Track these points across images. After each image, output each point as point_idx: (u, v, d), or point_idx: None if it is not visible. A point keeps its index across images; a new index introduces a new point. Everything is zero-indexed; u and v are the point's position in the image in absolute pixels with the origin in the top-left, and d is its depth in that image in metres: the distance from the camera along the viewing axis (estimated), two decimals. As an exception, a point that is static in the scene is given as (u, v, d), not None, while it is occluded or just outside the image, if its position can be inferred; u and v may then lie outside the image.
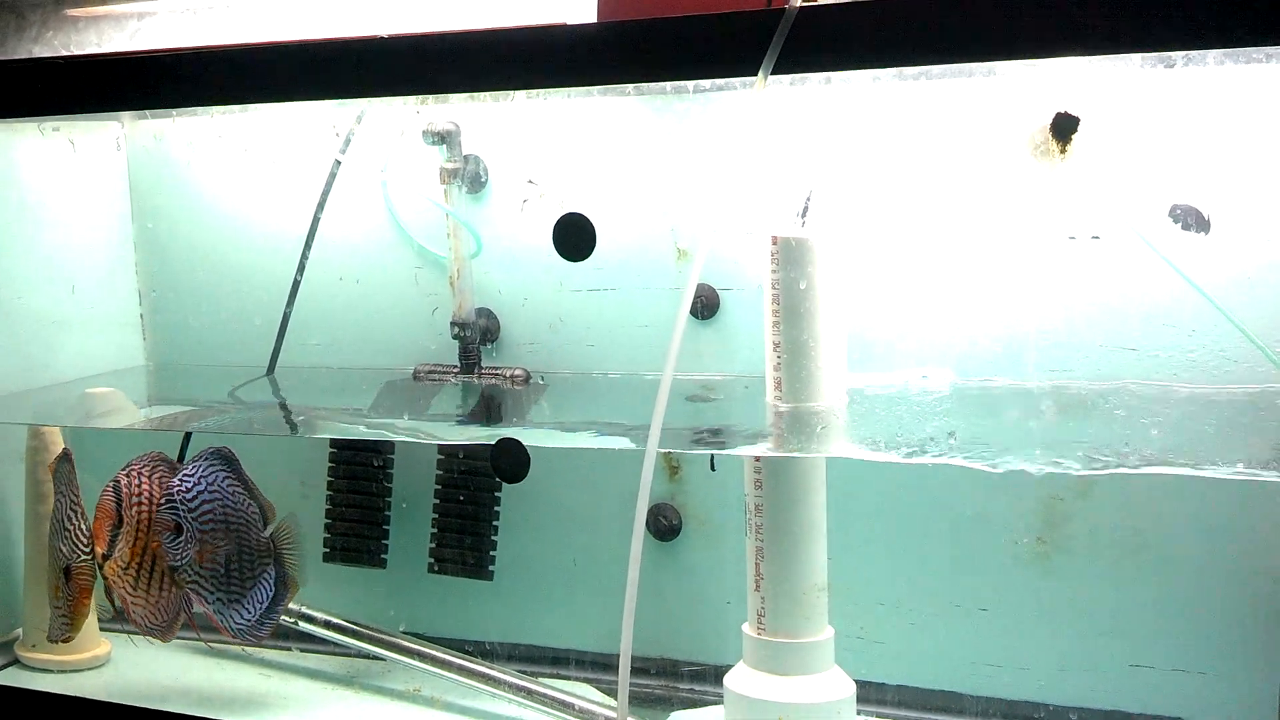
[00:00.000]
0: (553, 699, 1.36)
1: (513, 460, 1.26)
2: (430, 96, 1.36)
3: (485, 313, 1.50)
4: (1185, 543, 1.26)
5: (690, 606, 1.44)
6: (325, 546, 1.54)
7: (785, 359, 1.24)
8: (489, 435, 1.28)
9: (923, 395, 1.29)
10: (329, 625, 1.46)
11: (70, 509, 1.37)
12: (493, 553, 1.48)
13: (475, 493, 1.48)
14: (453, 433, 1.43)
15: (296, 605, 1.45)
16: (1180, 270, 1.21)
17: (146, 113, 1.58)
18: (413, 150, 1.48)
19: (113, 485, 1.36)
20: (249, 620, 1.37)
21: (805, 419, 1.23)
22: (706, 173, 1.37)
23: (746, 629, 1.22)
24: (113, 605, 1.37)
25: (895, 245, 1.32)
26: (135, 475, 1.36)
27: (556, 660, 1.50)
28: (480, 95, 1.38)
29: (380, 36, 1.18)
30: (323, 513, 1.55)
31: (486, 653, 1.50)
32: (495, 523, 1.48)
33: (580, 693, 1.40)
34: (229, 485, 1.37)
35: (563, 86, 1.21)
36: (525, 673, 1.42)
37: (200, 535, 1.34)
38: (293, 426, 1.49)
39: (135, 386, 1.63)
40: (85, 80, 1.33)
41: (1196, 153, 1.21)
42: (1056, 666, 1.31)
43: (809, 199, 1.25)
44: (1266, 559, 1.23)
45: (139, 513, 1.35)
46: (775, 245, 1.23)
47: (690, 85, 1.30)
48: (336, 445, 1.54)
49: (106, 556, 1.34)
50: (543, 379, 1.49)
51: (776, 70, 1.02)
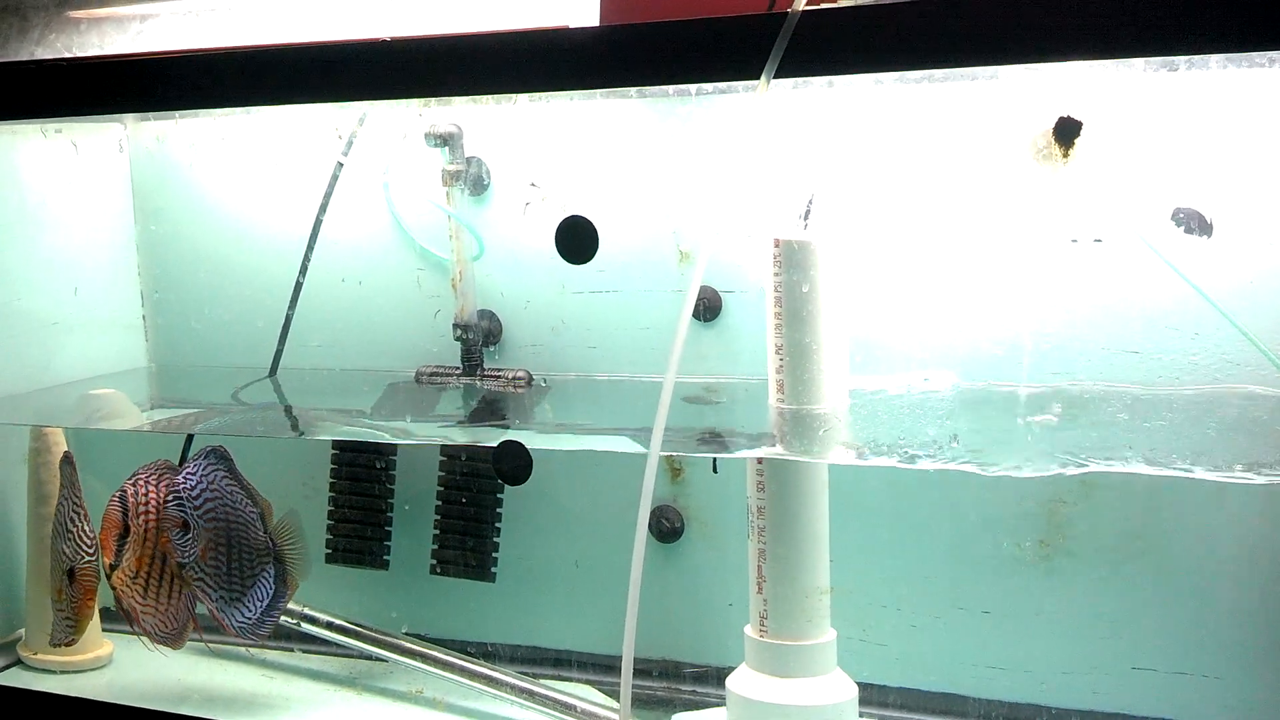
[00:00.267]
0: (555, 701, 1.36)
1: (515, 462, 1.26)
2: (433, 99, 1.37)
3: (487, 315, 1.50)
4: (1187, 545, 1.26)
5: (692, 608, 1.44)
6: (327, 548, 1.55)
7: (787, 361, 1.24)
8: (491, 437, 1.29)
9: (925, 398, 1.29)
10: (331, 626, 1.46)
11: (73, 511, 1.38)
12: (495, 554, 1.48)
13: (477, 494, 1.48)
14: (455, 434, 1.43)
15: (299, 606, 1.45)
16: (1183, 274, 1.21)
17: (149, 114, 1.58)
18: (415, 152, 1.48)
19: (119, 495, 1.35)
20: (250, 619, 1.37)
21: (807, 421, 1.23)
22: (709, 175, 1.37)
23: (749, 631, 1.22)
24: (124, 615, 1.37)
25: (898, 248, 1.32)
26: (142, 484, 1.36)
27: (558, 662, 1.50)
28: (483, 98, 1.38)
29: (383, 39, 1.18)
30: (325, 514, 1.55)
31: (488, 654, 1.50)
32: (497, 524, 1.48)
33: (582, 694, 1.40)
34: (227, 484, 1.38)
35: (565, 90, 1.21)
36: (527, 674, 1.42)
37: (205, 532, 1.35)
38: (295, 428, 1.49)
39: (137, 388, 1.64)
40: (88, 82, 1.33)
41: (1199, 156, 1.21)
42: (1059, 669, 1.31)
43: (811, 202, 1.25)
44: (1269, 562, 1.23)
45: (146, 522, 1.35)
46: (777, 248, 1.23)
47: (693, 88, 1.31)
48: (339, 447, 1.54)
49: (114, 567, 1.34)
50: (545, 381, 1.49)
51: (779, 74, 1.02)
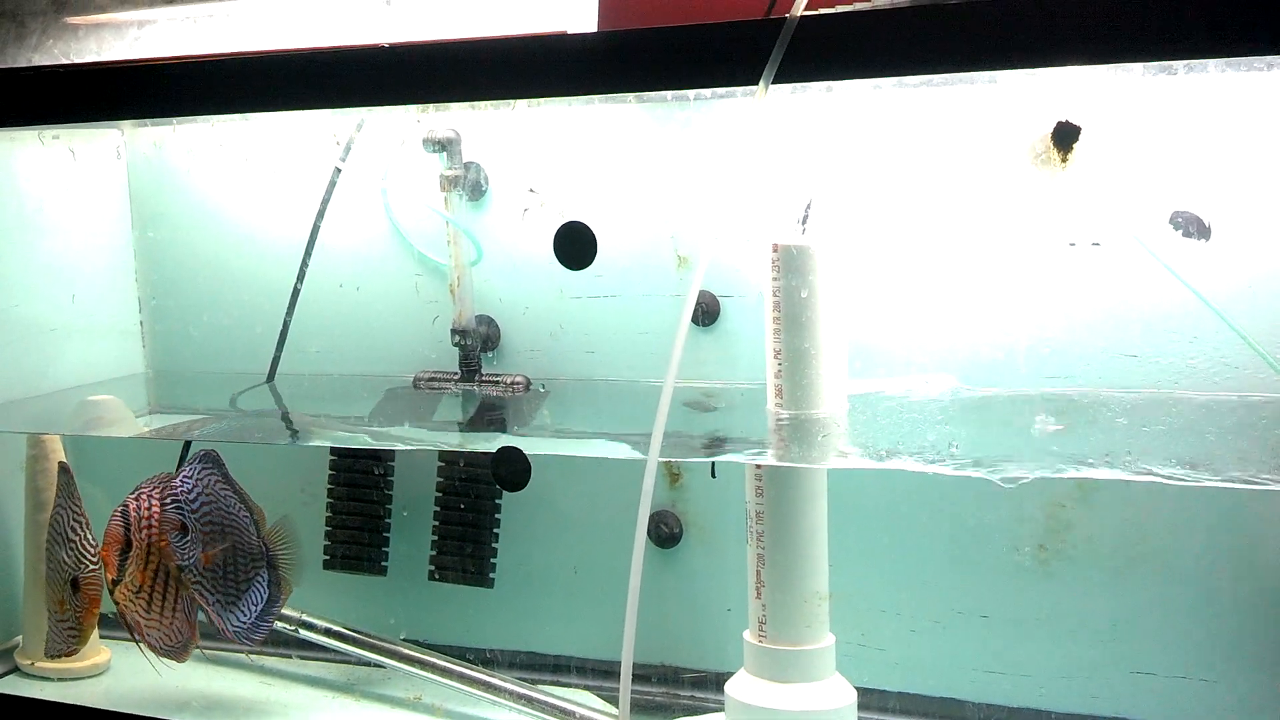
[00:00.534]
0: (554, 706, 1.36)
1: (513, 468, 1.26)
2: (431, 105, 1.37)
3: (486, 320, 1.50)
4: (1187, 549, 1.26)
5: (691, 614, 1.44)
6: (326, 554, 1.54)
7: (786, 366, 1.24)
8: (490, 443, 1.28)
9: (924, 402, 1.29)
10: (329, 633, 1.46)
11: (74, 520, 1.37)
12: (493, 560, 1.48)
13: (476, 500, 1.48)
14: (453, 440, 1.43)
15: (297, 613, 1.45)
16: (1181, 277, 1.21)
17: (147, 121, 1.59)
18: (413, 158, 1.48)
19: (121, 509, 1.35)
20: (245, 623, 1.37)
21: (806, 427, 1.23)
22: (707, 180, 1.37)
23: (748, 636, 1.22)
24: (127, 629, 1.36)
25: (896, 252, 1.32)
26: (145, 498, 1.35)
27: (557, 668, 1.50)
28: (481, 104, 1.39)
29: (381, 45, 1.18)
30: (323, 520, 1.54)
31: (487, 660, 1.50)
32: (496, 530, 1.48)
33: (581, 700, 1.40)
34: (221, 489, 1.38)
35: (563, 95, 1.21)
36: (526, 680, 1.41)
37: (201, 535, 1.35)
38: (293, 434, 1.49)
39: (135, 394, 1.63)
40: (85, 88, 1.32)
41: (1197, 160, 1.21)
42: (1058, 673, 1.31)
43: (809, 206, 1.25)
44: (1268, 566, 1.23)
45: (148, 536, 1.34)
46: (776, 253, 1.23)
47: (691, 94, 1.31)
48: (337, 453, 1.54)
49: (117, 581, 1.34)
50: (543, 386, 1.49)
51: (777, 79, 1.02)
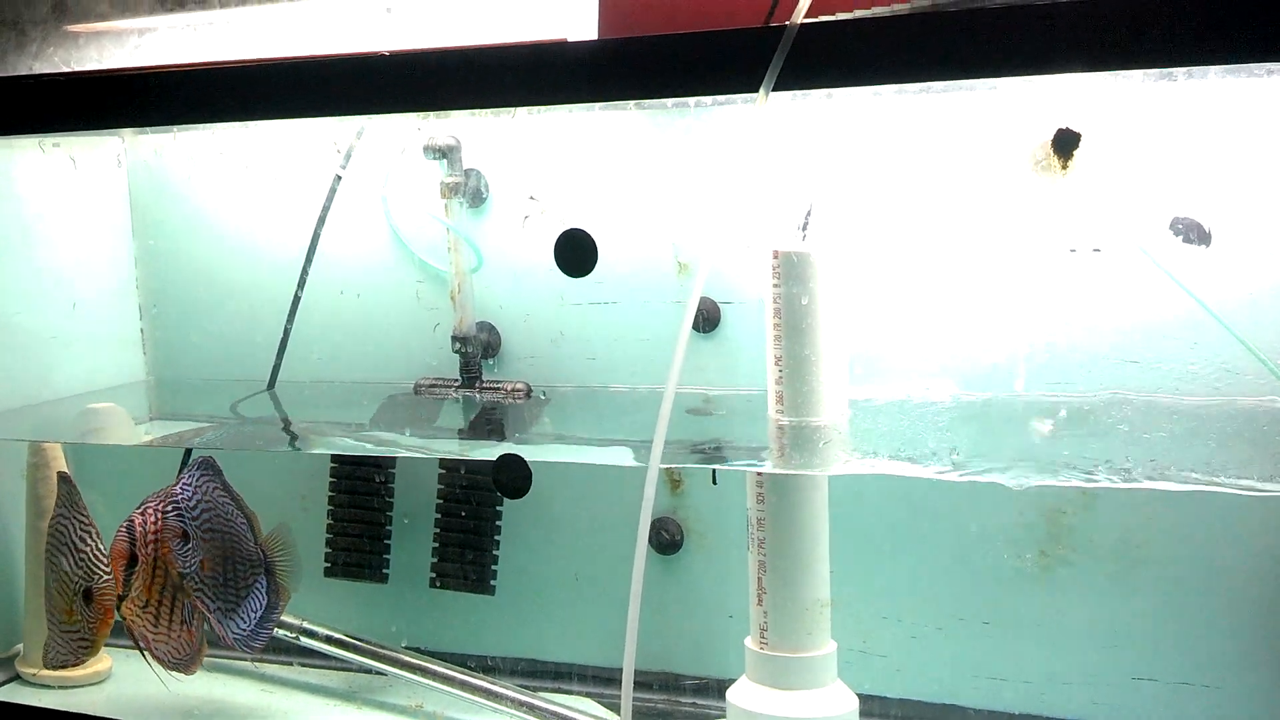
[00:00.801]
0: (555, 714, 1.36)
1: (514, 475, 1.26)
2: (431, 112, 1.37)
3: (486, 327, 1.50)
4: (1188, 555, 1.26)
5: (692, 621, 1.44)
6: (327, 561, 1.54)
7: (787, 373, 1.24)
8: (491, 450, 1.28)
9: (925, 409, 1.29)
10: (330, 640, 1.46)
11: (82, 530, 1.36)
12: (494, 567, 1.48)
13: (477, 507, 1.48)
14: (454, 447, 1.43)
15: (298, 620, 1.45)
16: (1181, 283, 1.21)
17: (147, 129, 1.58)
18: (414, 165, 1.48)
19: (126, 525, 1.35)
20: (244, 630, 1.37)
21: (807, 433, 1.23)
22: (708, 187, 1.37)
23: (749, 643, 1.22)
24: (135, 643, 1.36)
25: (897, 259, 1.32)
26: (151, 514, 1.35)
27: (559, 675, 1.50)
28: (481, 111, 1.38)
29: (382, 53, 1.18)
30: (324, 527, 1.54)
31: (488, 667, 1.50)
32: (497, 537, 1.48)
33: (583, 707, 1.39)
34: (219, 496, 1.38)
35: (564, 103, 1.21)
36: (527, 687, 1.42)
37: (203, 543, 1.35)
38: (294, 442, 1.49)
39: (136, 402, 1.63)
40: (86, 96, 1.32)
41: (1198, 166, 1.21)
42: (1060, 680, 1.31)
43: (810, 213, 1.25)
44: (1270, 572, 1.23)
45: (154, 550, 1.34)
46: (776, 259, 1.23)
47: (691, 101, 1.31)
48: (338, 460, 1.53)
49: (123, 597, 1.34)
50: (544, 393, 1.49)
51: (778, 87, 1.02)
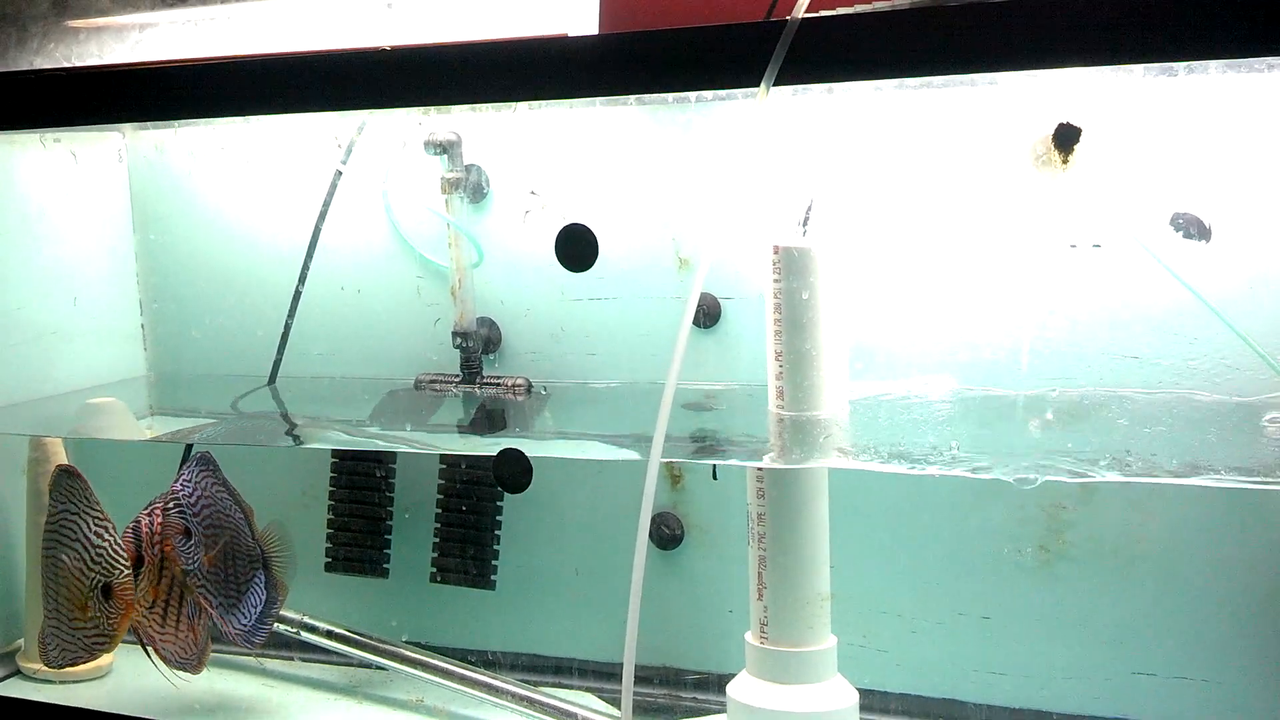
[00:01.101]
0: (556, 708, 1.36)
1: (515, 470, 1.26)
2: (432, 107, 1.37)
3: (487, 322, 1.50)
4: (1188, 550, 1.26)
5: (693, 615, 1.44)
6: (327, 556, 1.55)
7: (787, 368, 1.24)
8: (491, 445, 1.29)
9: (925, 404, 1.29)
10: (331, 635, 1.46)
11: (98, 525, 1.35)
12: (495, 562, 1.48)
13: (477, 502, 1.48)
14: (455, 442, 1.43)
15: (298, 615, 1.45)
16: (1182, 278, 1.21)
17: (148, 124, 1.59)
18: (414, 160, 1.48)
19: (133, 526, 1.35)
20: (245, 625, 1.37)
21: (807, 428, 1.23)
22: (708, 182, 1.37)
23: (749, 637, 1.22)
24: (141, 643, 1.36)
25: (897, 254, 1.32)
26: (158, 515, 1.35)
27: (559, 669, 1.50)
28: (482, 106, 1.39)
29: (382, 48, 1.18)
30: (324, 523, 1.55)
31: (489, 662, 1.50)
32: (497, 532, 1.48)
33: (583, 702, 1.40)
34: (218, 491, 1.38)
35: (565, 97, 1.21)
36: (528, 682, 1.42)
37: (204, 539, 1.35)
38: (294, 437, 1.49)
39: (137, 397, 1.63)
40: (86, 92, 1.32)
41: (1198, 161, 1.21)
42: (1060, 674, 1.31)
43: (810, 208, 1.25)
44: (1269, 567, 1.23)
45: (159, 550, 1.34)
46: (777, 254, 1.23)
47: (692, 96, 1.31)
48: (338, 455, 1.54)
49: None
50: (545, 388, 1.49)
51: (778, 81, 1.02)
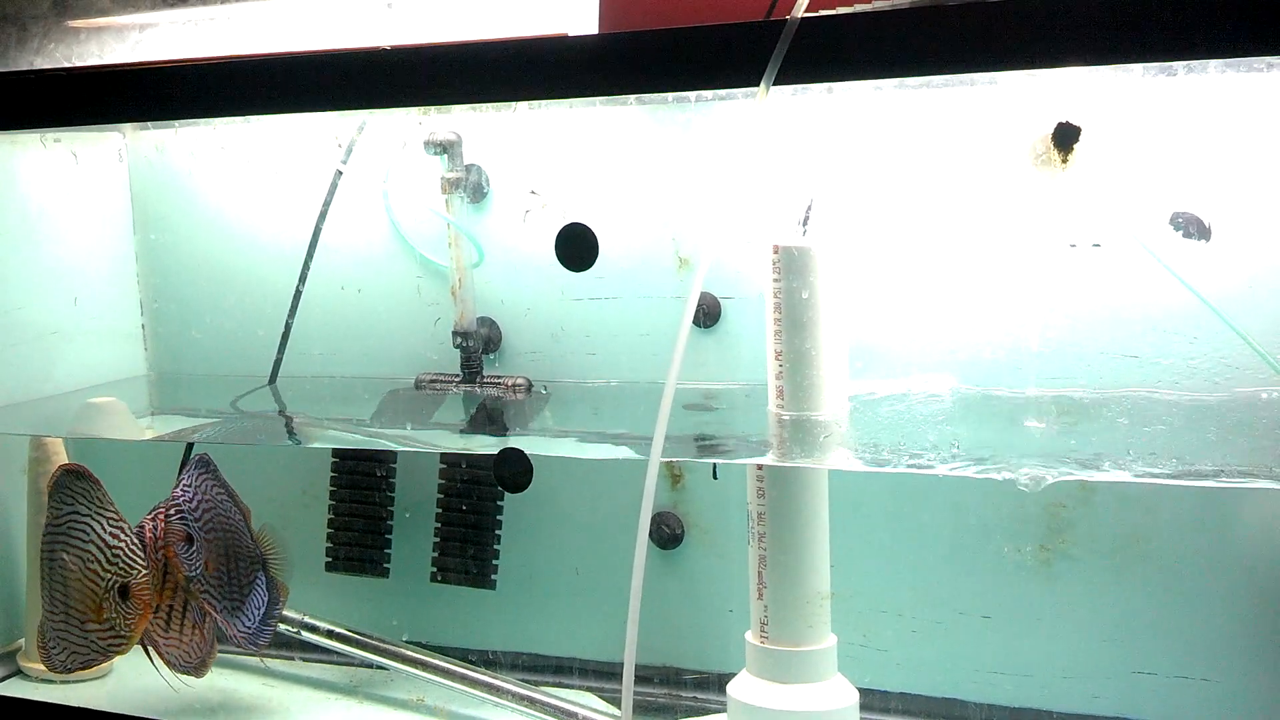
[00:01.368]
0: (556, 708, 1.36)
1: (515, 469, 1.26)
2: (432, 107, 1.37)
3: (487, 322, 1.50)
4: (1188, 549, 1.26)
5: (693, 615, 1.44)
6: (328, 556, 1.55)
7: (787, 367, 1.24)
8: (492, 444, 1.29)
9: (925, 403, 1.29)
10: (332, 635, 1.46)
11: (113, 526, 1.35)
12: (495, 562, 1.48)
13: (478, 502, 1.48)
14: (455, 442, 1.43)
15: (299, 615, 1.45)
16: (1181, 278, 1.21)
17: (148, 124, 1.59)
18: (415, 160, 1.48)
19: (136, 532, 1.35)
20: (250, 628, 1.37)
21: (808, 428, 1.23)
22: (708, 182, 1.37)
23: (749, 637, 1.22)
24: (144, 648, 1.36)
25: (897, 254, 1.32)
26: (162, 519, 1.35)
27: (560, 669, 1.50)
28: (482, 106, 1.39)
29: (382, 48, 1.18)
30: (325, 522, 1.55)
31: (489, 662, 1.50)
32: (498, 532, 1.48)
33: (584, 701, 1.40)
34: (217, 493, 1.38)
35: (565, 97, 1.21)
36: (528, 681, 1.42)
37: (207, 544, 1.35)
38: (295, 436, 1.49)
39: (137, 397, 1.64)
40: (87, 92, 1.32)
41: (1197, 161, 1.21)
42: (1060, 674, 1.31)
43: (810, 207, 1.25)
44: (1269, 566, 1.23)
45: (163, 555, 1.34)
46: (777, 254, 1.23)
47: (692, 95, 1.31)
48: (339, 455, 1.54)
49: None
50: (545, 388, 1.49)
51: (778, 81, 1.02)
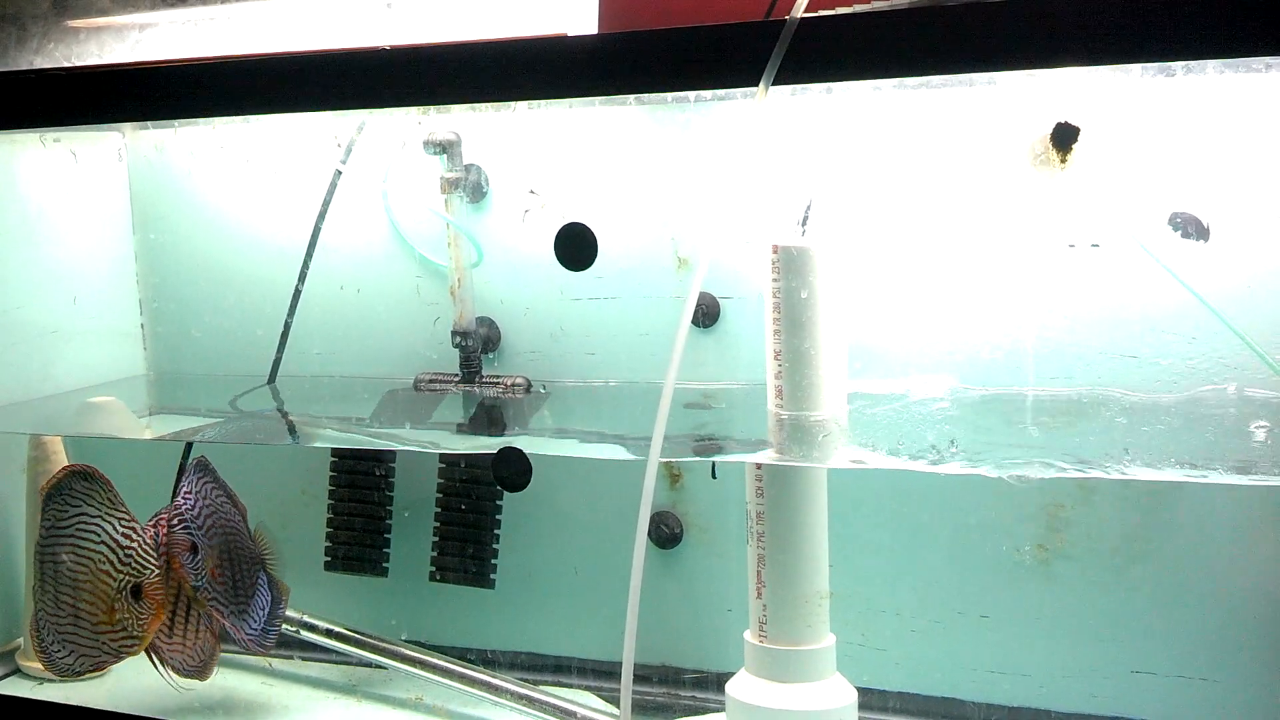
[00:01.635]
0: (555, 707, 1.37)
1: (514, 469, 1.26)
2: (431, 107, 1.37)
3: (486, 322, 1.50)
4: (1186, 549, 1.26)
5: (692, 614, 1.45)
6: (327, 555, 1.55)
7: (786, 367, 1.24)
8: (491, 444, 1.29)
9: (924, 403, 1.30)
10: (331, 634, 1.46)
11: (125, 527, 1.34)
12: (494, 561, 1.48)
13: (477, 501, 1.48)
14: (454, 441, 1.43)
15: (298, 614, 1.45)
16: (1180, 278, 1.21)
17: (148, 123, 1.59)
18: (414, 160, 1.48)
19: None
20: (256, 629, 1.37)
21: (806, 427, 1.23)
22: (707, 182, 1.38)
23: (748, 636, 1.22)
24: (147, 653, 1.36)
25: (896, 253, 1.32)
26: (163, 525, 1.34)
27: (558, 668, 1.50)
28: (481, 106, 1.39)
29: (382, 48, 1.18)
30: (324, 522, 1.55)
31: (488, 661, 1.50)
32: (497, 531, 1.48)
33: (582, 701, 1.40)
34: (217, 496, 1.38)
35: (564, 97, 1.22)
36: (527, 681, 1.42)
37: (210, 551, 1.35)
38: (294, 436, 1.49)
39: (136, 396, 1.64)
40: (86, 91, 1.32)
41: (1196, 161, 1.21)
42: (1058, 673, 1.31)
43: (809, 207, 1.25)
44: (1267, 565, 1.24)
45: (170, 565, 1.34)
46: (776, 254, 1.23)
47: (691, 95, 1.31)
48: (338, 454, 1.54)
49: None
50: (544, 388, 1.49)
51: (777, 81, 1.02)
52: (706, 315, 1.40)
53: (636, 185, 1.41)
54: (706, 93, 1.29)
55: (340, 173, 1.52)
